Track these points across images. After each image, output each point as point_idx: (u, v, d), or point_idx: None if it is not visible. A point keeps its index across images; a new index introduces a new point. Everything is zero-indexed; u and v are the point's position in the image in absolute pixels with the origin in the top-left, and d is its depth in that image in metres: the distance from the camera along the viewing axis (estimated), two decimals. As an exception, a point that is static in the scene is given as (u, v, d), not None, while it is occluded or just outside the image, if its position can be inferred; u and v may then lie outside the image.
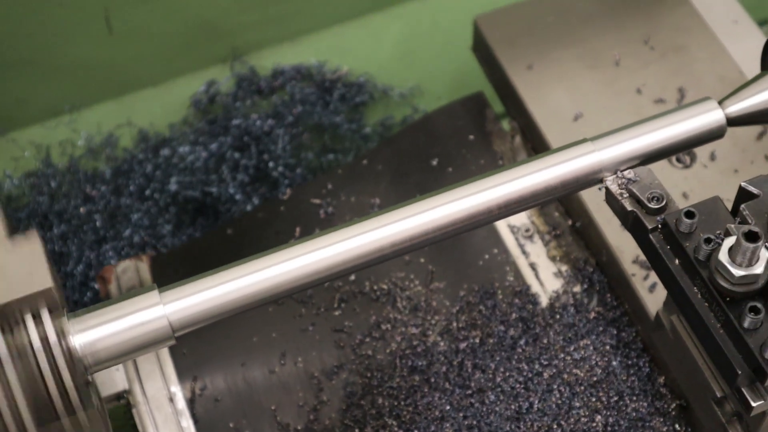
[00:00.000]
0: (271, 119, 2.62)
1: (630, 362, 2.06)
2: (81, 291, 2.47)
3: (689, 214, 1.61)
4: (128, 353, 1.57)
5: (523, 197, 1.70)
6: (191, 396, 2.11)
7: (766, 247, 1.58)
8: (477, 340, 2.13)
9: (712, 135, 1.73)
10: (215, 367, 2.14)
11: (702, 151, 2.19)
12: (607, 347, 2.08)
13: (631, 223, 1.70)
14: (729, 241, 1.53)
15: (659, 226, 1.65)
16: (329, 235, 1.64)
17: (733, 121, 1.73)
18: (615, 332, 2.09)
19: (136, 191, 2.53)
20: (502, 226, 2.25)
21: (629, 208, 1.68)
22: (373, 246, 1.64)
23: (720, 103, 1.72)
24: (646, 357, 2.06)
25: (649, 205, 1.66)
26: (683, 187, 2.15)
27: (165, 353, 2.14)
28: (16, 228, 1.56)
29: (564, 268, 2.19)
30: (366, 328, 2.17)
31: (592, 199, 2.15)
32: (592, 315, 2.12)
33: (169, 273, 2.26)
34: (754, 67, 2.28)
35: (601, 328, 2.10)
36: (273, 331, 2.18)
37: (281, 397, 2.11)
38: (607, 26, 2.36)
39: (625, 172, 1.71)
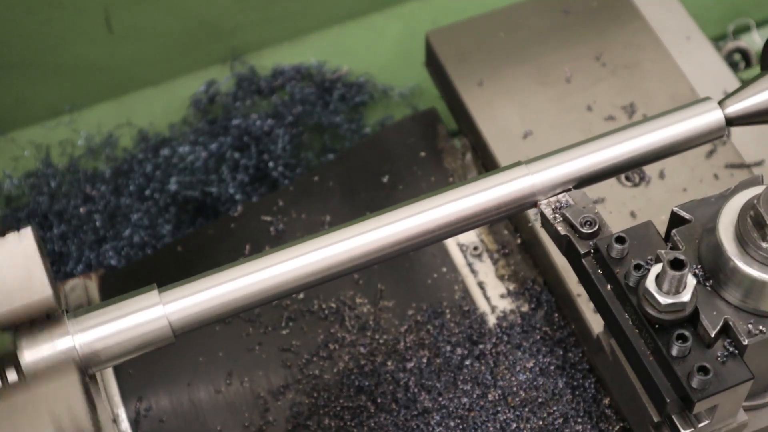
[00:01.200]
0: (271, 119, 2.61)
1: (576, 383, 2.04)
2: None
3: (620, 240, 1.60)
4: (128, 353, 1.58)
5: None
6: (135, 417, 2.09)
7: (694, 273, 1.57)
8: (424, 360, 2.11)
9: (712, 135, 1.73)
10: (160, 388, 2.12)
11: (652, 170, 2.17)
12: (553, 368, 2.06)
13: (565, 247, 1.68)
14: (656, 268, 1.52)
15: (591, 251, 1.64)
16: (331, 235, 1.65)
17: (733, 121, 1.72)
18: (561, 353, 2.08)
19: (135, 191, 2.52)
20: (451, 244, 2.24)
21: (562, 232, 1.67)
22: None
23: (720, 103, 1.72)
24: (592, 378, 2.04)
25: (582, 230, 1.65)
26: (631, 205, 2.14)
27: (109, 373, 2.12)
28: (16, 229, 1.57)
29: (512, 287, 2.17)
30: (314, 347, 2.16)
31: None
32: (539, 335, 2.10)
33: (118, 292, 2.24)
34: (705, 84, 2.27)
35: (547, 349, 2.09)
36: (219, 350, 2.17)
37: (227, 418, 2.09)
38: (559, 42, 2.34)
39: (560, 196, 1.69)
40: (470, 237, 2.24)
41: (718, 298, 1.54)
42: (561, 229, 1.67)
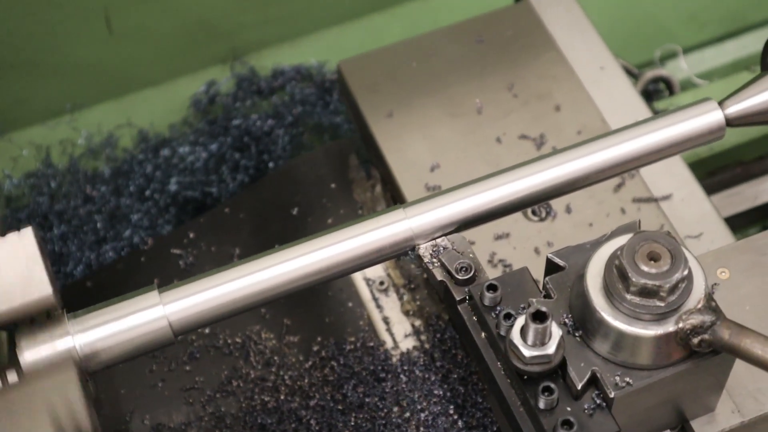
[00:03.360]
0: (271, 119, 2.60)
1: (475, 422, 2.01)
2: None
3: (492, 287, 1.57)
4: (129, 354, 1.58)
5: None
6: (33, 456, 2.06)
7: (564, 323, 1.53)
8: (328, 397, 2.09)
9: (712, 135, 1.72)
10: (59, 426, 2.09)
11: (558, 204, 2.14)
12: (453, 407, 2.03)
13: (442, 292, 1.65)
14: (521, 320, 1.49)
15: (466, 297, 1.61)
16: (331, 235, 1.65)
17: (733, 122, 1.72)
18: (462, 391, 2.05)
19: (136, 191, 2.50)
20: (358, 278, 2.21)
21: (439, 278, 1.64)
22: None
23: (720, 103, 1.71)
24: (492, 416, 2.01)
25: (457, 276, 1.62)
26: (536, 241, 2.11)
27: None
28: (16, 229, 1.59)
29: (417, 322, 2.14)
30: (217, 383, 2.13)
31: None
32: (441, 373, 2.07)
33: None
34: (616, 115, 2.25)
35: (448, 386, 2.06)
36: (121, 387, 2.14)
37: (127, 456, 2.07)
38: (472, 72, 2.31)
39: (438, 240, 1.67)
40: (377, 271, 2.21)
41: (587, 349, 1.52)
42: (437, 274, 1.64)
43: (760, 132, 2.41)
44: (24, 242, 1.52)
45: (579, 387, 1.48)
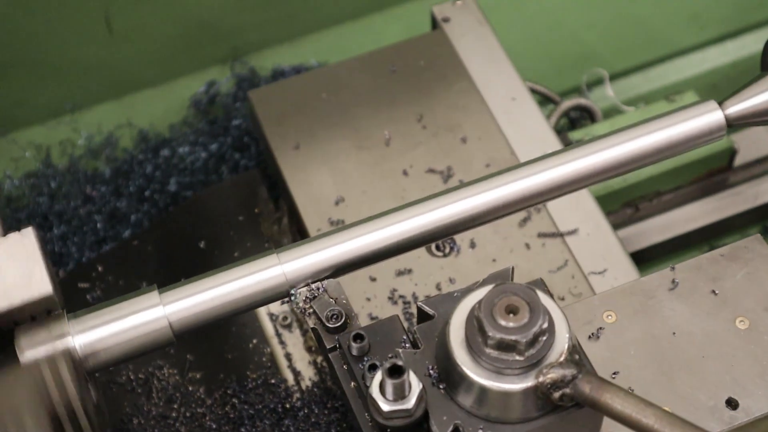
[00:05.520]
0: None
1: (372, 463, 1.98)
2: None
3: (358, 337, 1.54)
4: (129, 354, 1.58)
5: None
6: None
7: (429, 375, 1.50)
8: (227, 435, 2.06)
9: (713, 136, 1.71)
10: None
11: (462, 239, 2.11)
12: (347, 447, 2.01)
13: (316, 339, 1.62)
14: (380, 374, 1.46)
15: (337, 345, 1.58)
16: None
17: (733, 122, 1.71)
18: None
19: (135, 192, 2.49)
20: (262, 313, 2.18)
21: (311, 325, 1.61)
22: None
23: (720, 104, 1.70)
24: (389, 457, 1.98)
25: (327, 324, 1.59)
26: (438, 277, 2.08)
27: None
28: (16, 229, 1.60)
29: (319, 359, 2.11)
30: (115, 422, 2.10)
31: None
32: (340, 411, 2.04)
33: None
34: (526, 147, 2.22)
35: (346, 424, 2.03)
36: (20, 425, 2.11)
37: (23, 496, 2.03)
38: (382, 103, 2.29)
39: (313, 286, 1.64)
40: (281, 306, 2.18)
41: (450, 402, 1.48)
42: (310, 321, 1.61)
43: (676, 163, 2.38)
44: (25, 242, 1.54)
45: (441, 441, 1.46)
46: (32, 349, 1.52)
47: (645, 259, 2.42)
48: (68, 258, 2.40)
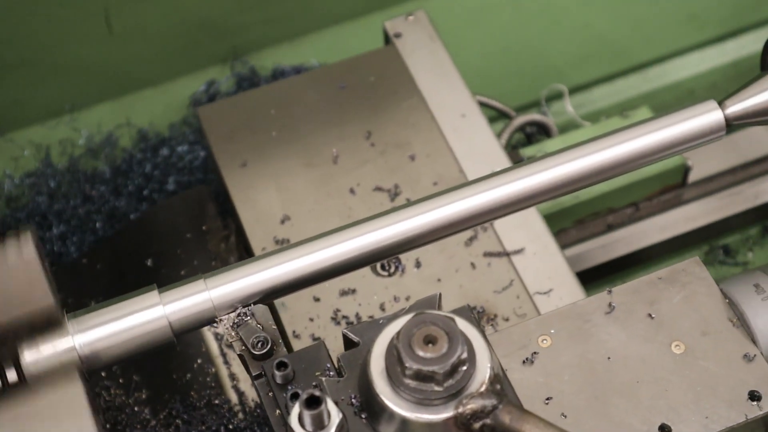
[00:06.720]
0: None
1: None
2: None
3: (281, 365, 1.52)
4: (129, 354, 1.58)
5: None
6: None
7: (351, 404, 1.49)
8: (171, 457, 2.04)
9: (712, 136, 1.71)
10: None
11: (408, 258, 2.10)
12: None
13: (244, 366, 1.61)
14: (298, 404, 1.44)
15: (262, 373, 1.56)
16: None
17: (733, 122, 1.71)
18: (303, 452, 2.00)
19: (135, 191, 2.48)
20: (207, 334, 2.17)
21: (237, 351, 1.59)
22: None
23: (720, 103, 1.70)
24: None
25: (253, 351, 1.57)
26: (383, 296, 2.06)
27: None
28: (16, 229, 1.62)
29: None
30: (59, 443, 2.08)
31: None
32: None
33: None
34: (473, 164, 2.20)
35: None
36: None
37: None
38: (331, 120, 2.27)
39: (240, 311, 1.62)
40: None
41: (372, 432, 1.47)
42: (236, 347, 1.60)
43: (628, 179, 2.36)
44: (24, 250, 1.56)
45: (359, 472, 1.44)
46: (33, 350, 1.53)
47: (644, 259, 2.42)
48: (67, 257, 2.40)
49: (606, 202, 2.40)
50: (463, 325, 1.46)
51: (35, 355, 1.53)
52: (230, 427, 2.06)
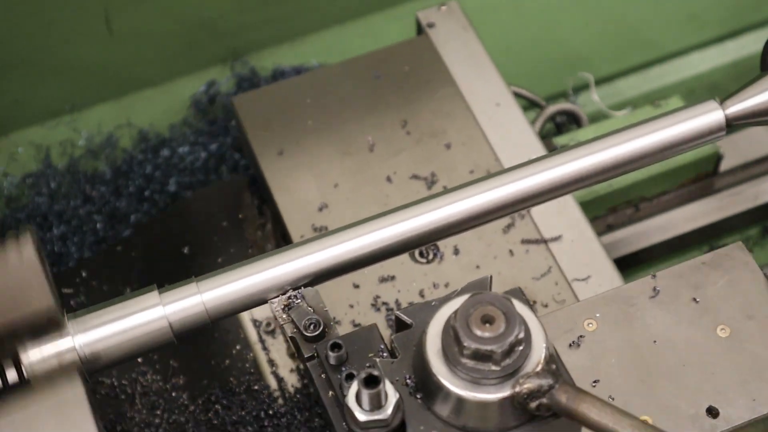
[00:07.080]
0: None
1: (354, 470, 1.98)
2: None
3: (335, 346, 1.53)
4: (129, 354, 1.58)
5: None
6: None
7: (406, 384, 1.50)
8: (211, 442, 2.06)
9: (713, 136, 1.71)
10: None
11: (446, 245, 2.11)
12: (331, 455, 2.00)
13: (295, 348, 1.62)
14: (356, 384, 1.45)
15: (315, 354, 1.58)
16: (335, 236, 1.64)
17: (733, 122, 1.71)
18: (343, 437, 2.01)
19: (135, 192, 2.48)
20: (245, 319, 2.18)
21: (289, 333, 1.60)
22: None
23: (721, 103, 1.70)
24: (371, 465, 1.97)
25: (305, 333, 1.58)
26: (422, 283, 2.08)
27: None
28: (16, 229, 1.62)
29: (302, 365, 2.11)
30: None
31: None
32: (320, 420, 2.04)
33: None
34: (510, 153, 2.22)
35: (329, 431, 2.03)
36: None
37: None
38: (366, 109, 2.28)
39: (291, 293, 1.63)
40: (265, 312, 2.18)
41: (427, 412, 1.48)
42: (288, 330, 1.61)
43: (661, 168, 2.37)
44: (24, 252, 1.55)
45: (415, 450, 1.45)
46: (33, 350, 1.53)
47: (644, 259, 2.42)
48: (68, 258, 2.40)
49: (636, 191, 2.41)
50: (517, 305, 1.47)
51: (35, 355, 1.53)
52: (270, 412, 2.07)
